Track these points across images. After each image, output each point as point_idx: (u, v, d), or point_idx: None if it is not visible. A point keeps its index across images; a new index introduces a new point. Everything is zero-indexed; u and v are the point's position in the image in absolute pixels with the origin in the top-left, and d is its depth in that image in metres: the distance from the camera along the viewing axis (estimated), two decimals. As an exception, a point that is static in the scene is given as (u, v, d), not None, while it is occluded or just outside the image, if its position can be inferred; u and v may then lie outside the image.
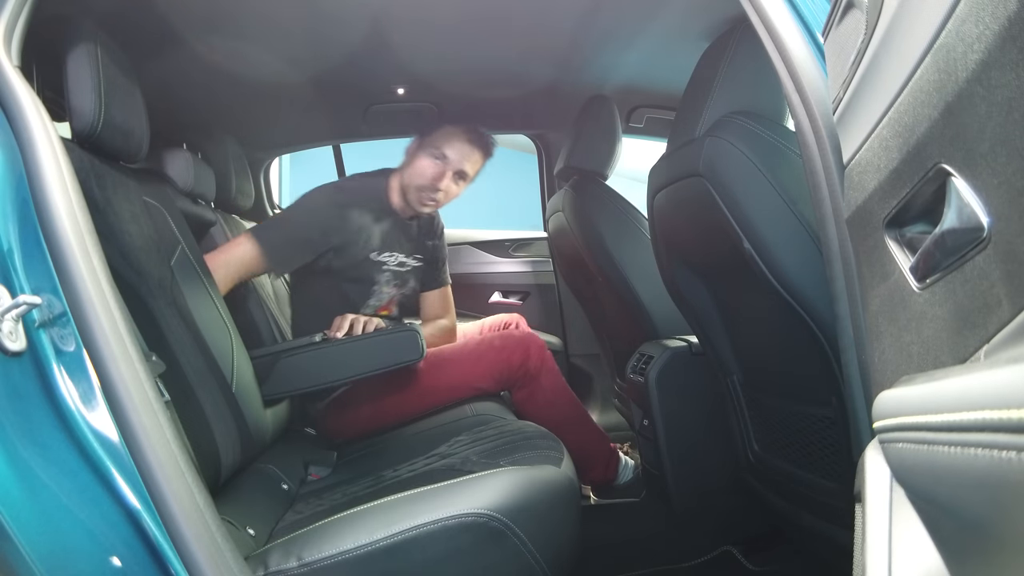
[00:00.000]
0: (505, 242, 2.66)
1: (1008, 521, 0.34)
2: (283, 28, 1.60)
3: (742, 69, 1.22)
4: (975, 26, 0.42)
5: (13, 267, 0.77)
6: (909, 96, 0.52)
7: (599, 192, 1.93)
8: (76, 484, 0.73)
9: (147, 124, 1.24)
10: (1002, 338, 0.42)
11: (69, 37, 1.09)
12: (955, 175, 0.47)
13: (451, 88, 2.10)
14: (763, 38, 0.90)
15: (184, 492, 0.77)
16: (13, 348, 0.72)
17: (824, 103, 0.82)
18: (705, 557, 1.67)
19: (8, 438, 0.70)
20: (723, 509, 1.64)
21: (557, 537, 1.05)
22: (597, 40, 1.77)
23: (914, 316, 0.56)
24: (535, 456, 1.17)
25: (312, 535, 0.99)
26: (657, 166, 1.42)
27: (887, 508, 0.54)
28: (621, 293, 1.84)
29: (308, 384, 1.60)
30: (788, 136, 1.11)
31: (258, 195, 2.52)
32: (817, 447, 1.19)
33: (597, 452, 1.84)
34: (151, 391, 0.80)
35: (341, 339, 1.60)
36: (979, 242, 0.44)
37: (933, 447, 0.39)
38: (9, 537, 0.67)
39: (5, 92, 0.87)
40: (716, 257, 1.31)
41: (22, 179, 0.82)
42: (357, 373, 1.60)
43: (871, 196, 0.63)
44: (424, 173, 1.82)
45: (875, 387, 0.69)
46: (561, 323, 2.57)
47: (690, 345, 1.64)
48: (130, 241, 1.15)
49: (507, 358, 1.74)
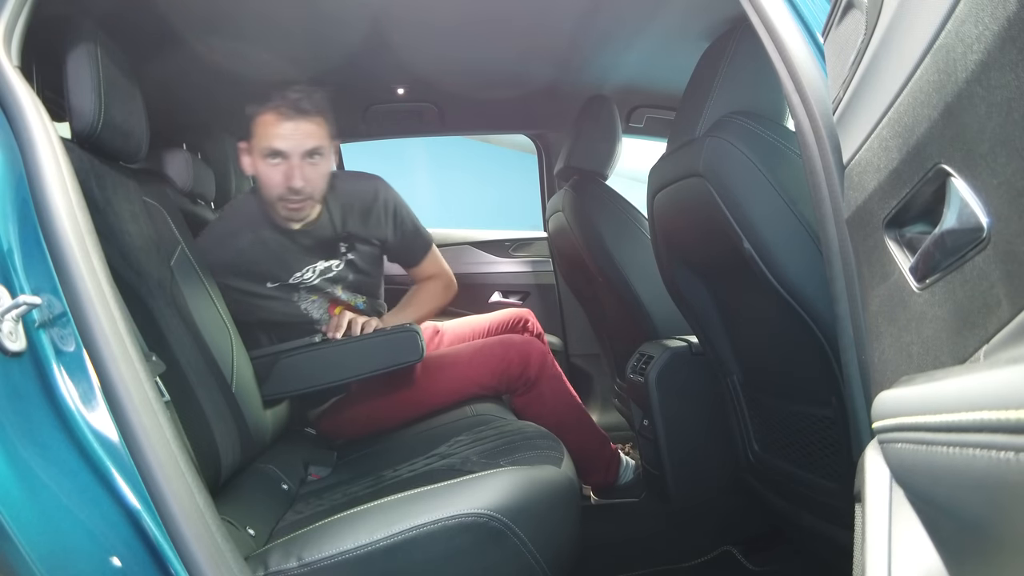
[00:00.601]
0: (505, 242, 2.66)
1: (1006, 521, 0.34)
2: (283, 28, 1.60)
3: (742, 69, 1.22)
4: (975, 27, 0.42)
5: (13, 267, 0.77)
6: (909, 96, 0.52)
7: (599, 192, 1.93)
8: (76, 484, 0.73)
9: (147, 124, 1.24)
10: (1002, 338, 0.42)
11: (69, 37, 1.09)
12: (955, 175, 0.47)
13: (451, 88, 2.10)
14: (763, 38, 0.90)
15: (184, 492, 0.77)
16: (13, 348, 0.72)
17: (824, 103, 0.82)
18: (705, 557, 1.67)
19: (8, 438, 0.70)
20: (723, 509, 1.64)
21: (557, 537, 1.05)
22: (597, 40, 1.77)
23: (914, 316, 0.56)
24: (535, 456, 1.17)
25: (312, 535, 0.99)
26: (657, 166, 1.42)
27: (887, 508, 0.54)
28: (621, 293, 1.84)
29: (307, 385, 1.58)
30: (788, 136, 1.11)
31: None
32: (817, 447, 1.19)
33: (598, 456, 1.84)
34: (151, 391, 0.80)
35: (340, 340, 1.58)
36: (979, 242, 0.44)
37: (932, 447, 0.39)
38: (9, 537, 0.67)
39: (5, 92, 0.87)
40: (716, 257, 1.31)
41: (22, 179, 0.82)
42: (356, 374, 1.58)
43: (871, 196, 0.63)
44: (270, 182, 1.53)
45: (875, 387, 0.70)
46: (561, 323, 2.57)
47: (690, 345, 1.64)
48: (130, 241, 1.15)
49: (507, 363, 1.72)
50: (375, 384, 1.70)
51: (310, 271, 1.67)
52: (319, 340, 1.60)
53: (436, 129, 2.50)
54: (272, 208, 1.59)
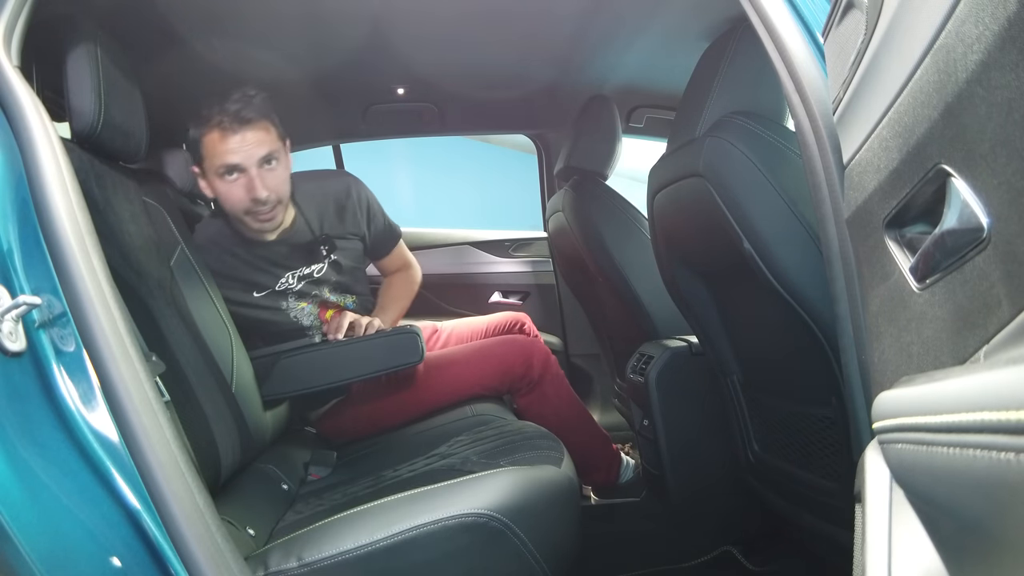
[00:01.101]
0: (505, 242, 2.66)
1: (1006, 521, 0.34)
2: (283, 28, 1.60)
3: (742, 69, 1.22)
4: (975, 27, 0.42)
5: (13, 267, 0.77)
6: (909, 96, 0.52)
7: (599, 192, 1.93)
8: (76, 484, 0.73)
9: (147, 124, 1.24)
10: (1002, 339, 0.42)
11: (69, 37, 1.09)
12: (955, 175, 0.47)
13: (451, 88, 2.11)
14: (763, 38, 0.90)
15: (184, 492, 0.77)
16: (13, 348, 0.72)
17: (824, 103, 0.82)
18: (705, 557, 1.67)
19: (8, 438, 0.70)
20: (723, 509, 1.64)
21: (557, 537, 1.05)
22: (597, 40, 1.77)
23: (914, 316, 0.56)
24: (535, 456, 1.17)
25: (312, 535, 0.99)
26: (657, 166, 1.42)
27: (887, 508, 0.54)
28: (621, 293, 1.84)
29: (307, 385, 1.58)
30: (788, 136, 1.11)
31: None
32: (817, 447, 1.19)
33: (600, 456, 1.84)
34: (151, 391, 0.80)
35: (341, 340, 1.58)
36: (979, 243, 0.44)
37: (932, 448, 0.39)
38: (9, 537, 0.67)
39: (5, 92, 0.87)
40: (716, 257, 1.31)
41: (22, 179, 0.82)
42: (356, 375, 1.58)
43: (871, 196, 0.63)
44: (232, 198, 1.49)
45: (875, 387, 0.70)
46: (561, 323, 2.57)
47: (690, 345, 1.64)
48: (130, 241, 1.15)
49: (509, 364, 1.73)
50: (376, 384, 1.70)
51: (291, 277, 1.66)
52: (319, 340, 1.60)
53: (436, 129, 2.50)
54: (242, 224, 1.56)
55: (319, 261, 1.68)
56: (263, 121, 1.48)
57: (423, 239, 2.61)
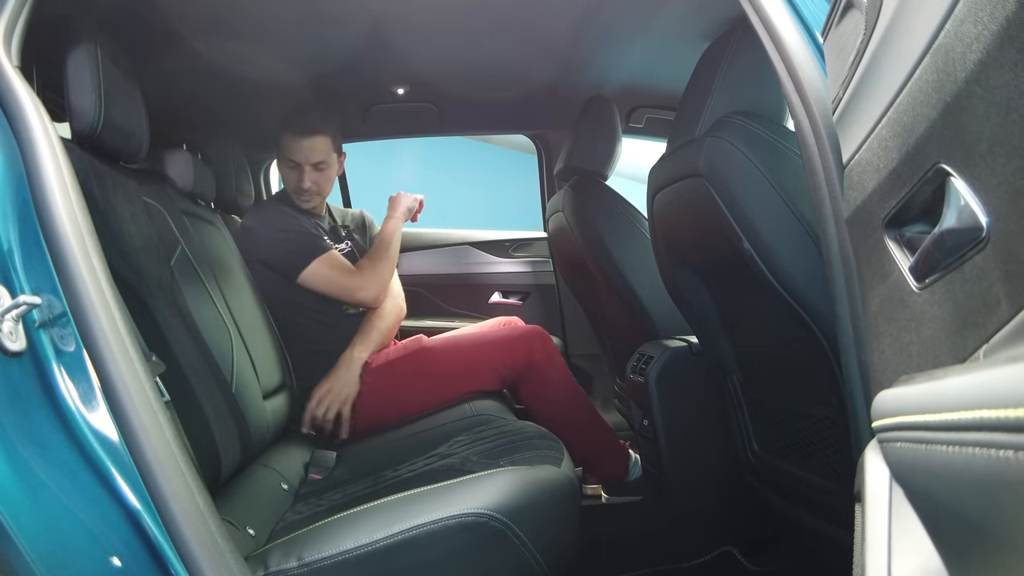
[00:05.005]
0: (505, 242, 2.66)
1: (1006, 520, 0.34)
2: (283, 28, 1.60)
3: (742, 69, 1.22)
4: (974, 26, 0.42)
5: (13, 267, 0.77)
6: (908, 96, 0.52)
7: (599, 192, 1.93)
8: (76, 484, 0.73)
9: (147, 124, 1.24)
10: (1001, 338, 0.42)
11: (69, 37, 1.09)
12: (954, 175, 0.47)
13: (451, 88, 2.11)
14: (763, 38, 0.90)
15: (184, 492, 0.77)
16: (13, 348, 0.72)
17: (824, 103, 0.82)
18: (705, 557, 1.67)
19: (8, 438, 0.70)
20: (723, 509, 1.64)
21: (557, 537, 1.05)
22: (597, 40, 1.77)
23: (914, 316, 0.56)
24: (535, 456, 1.17)
25: (312, 535, 0.99)
26: (657, 166, 1.42)
27: (887, 508, 0.54)
28: (621, 293, 1.84)
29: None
30: (788, 136, 1.11)
31: (258, 195, 2.52)
32: (817, 447, 1.19)
33: (607, 447, 1.85)
34: (151, 391, 0.80)
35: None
36: (978, 242, 0.44)
37: (932, 447, 0.39)
38: (9, 537, 0.67)
39: (5, 92, 0.87)
40: (716, 257, 1.31)
41: (22, 179, 0.82)
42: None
43: (871, 196, 0.63)
44: (289, 181, 1.95)
45: (875, 387, 0.69)
46: (561, 323, 2.57)
47: (690, 345, 1.64)
48: (130, 241, 1.15)
49: (511, 353, 1.75)
50: (377, 382, 1.70)
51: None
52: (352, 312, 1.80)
53: (436, 129, 2.50)
54: (294, 198, 1.97)
55: (341, 242, 2.02)
56: (323, 136, 1.88)
57: (423, 239, 2.61)
